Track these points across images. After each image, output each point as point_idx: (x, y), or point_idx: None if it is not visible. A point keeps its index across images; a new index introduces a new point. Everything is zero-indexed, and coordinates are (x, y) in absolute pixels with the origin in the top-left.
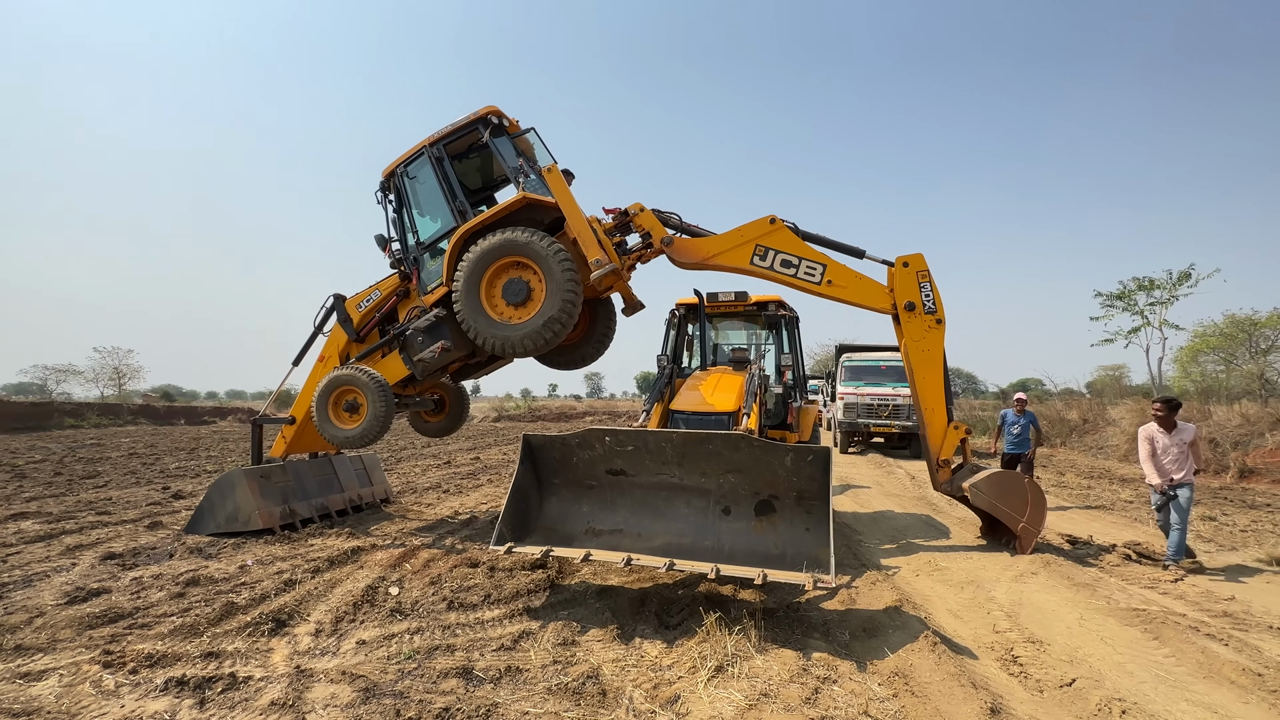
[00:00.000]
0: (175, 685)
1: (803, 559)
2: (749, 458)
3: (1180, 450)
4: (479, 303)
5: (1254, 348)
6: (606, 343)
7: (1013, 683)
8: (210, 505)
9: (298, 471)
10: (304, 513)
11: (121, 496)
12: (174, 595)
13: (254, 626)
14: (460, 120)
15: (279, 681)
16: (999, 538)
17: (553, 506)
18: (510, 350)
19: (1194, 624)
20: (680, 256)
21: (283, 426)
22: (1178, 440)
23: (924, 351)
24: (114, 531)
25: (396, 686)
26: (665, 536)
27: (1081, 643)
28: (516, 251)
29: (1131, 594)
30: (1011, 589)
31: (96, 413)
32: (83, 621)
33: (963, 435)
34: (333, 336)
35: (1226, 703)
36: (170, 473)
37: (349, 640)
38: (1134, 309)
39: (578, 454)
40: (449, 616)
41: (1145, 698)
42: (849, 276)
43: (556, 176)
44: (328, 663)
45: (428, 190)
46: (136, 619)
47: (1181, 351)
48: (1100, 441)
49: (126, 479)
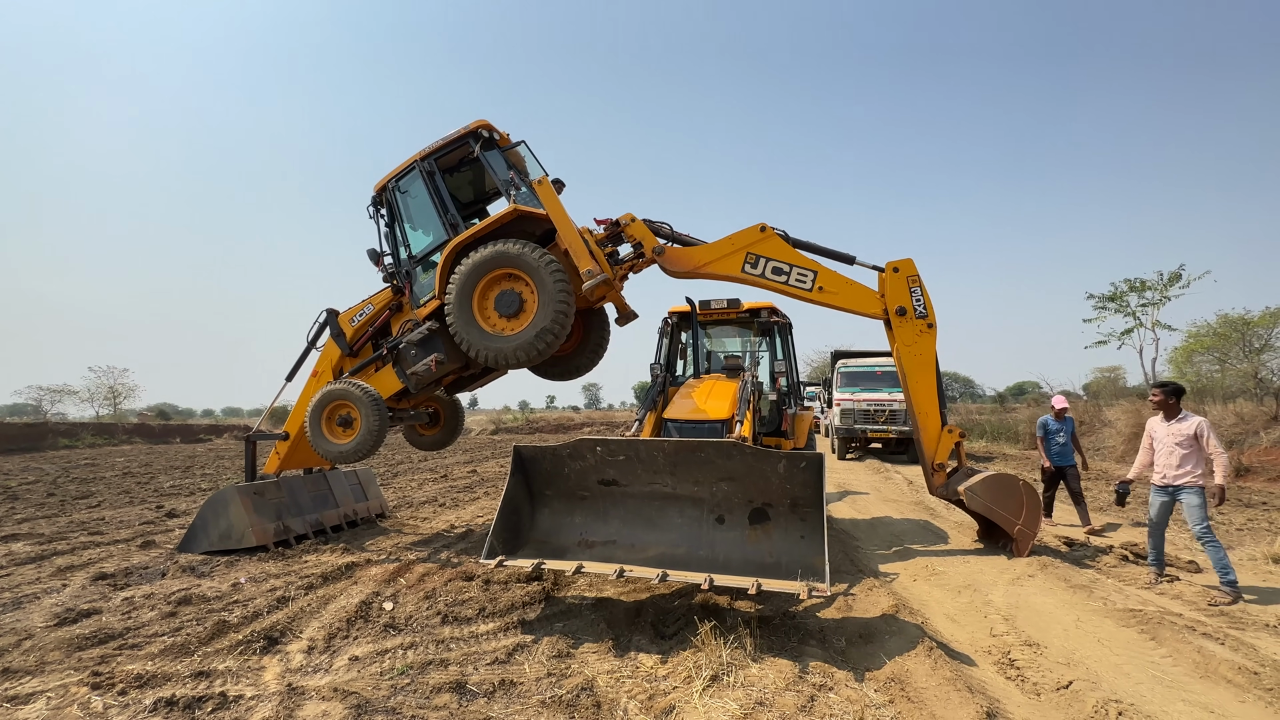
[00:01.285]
0: (164, 705)
1: (798, 567)
2: (742, 466)
3: (1181, 445)
4: (471, 315)
5: (1247, 347)
6: (600, 353)
7: (1010, 686)
8: (203, 523)
9: (292, 487)
10: (298, 529)
11: (115, 516)
12: (165, 615)
13: (246, 645)
14: (451, 134)
15: (270, 700)
16: (996, 541)
17: (545, 518)
18: (503, 362)
19: (1190, 624)
20: (672, 266)
21: (276, 442)
22: (1177, 432)
23: (916, 356)
24: (106, 552)
25: (389, 703)
26: (659, 547)
27: (1078, 645)
28: (508, 263)
29: (1128, 595)
30: (1008, 592)
31: (91, 432)
32: (72, 643)
33: (957, 438)
34: (326, 351)
35: (1223, 702)
36: (165, 491)
37: (342, 657)
38: (1126, 310)
39: (569, 465)
40: (443, 631)
41: (1142, 698)
42: (840, 283)
43: (547, 188)
44: (320, 680)
45: (419, 204)
46: (127, 639)
47: (1176, 352)
48: (1097, 443)
49: (120, 499)
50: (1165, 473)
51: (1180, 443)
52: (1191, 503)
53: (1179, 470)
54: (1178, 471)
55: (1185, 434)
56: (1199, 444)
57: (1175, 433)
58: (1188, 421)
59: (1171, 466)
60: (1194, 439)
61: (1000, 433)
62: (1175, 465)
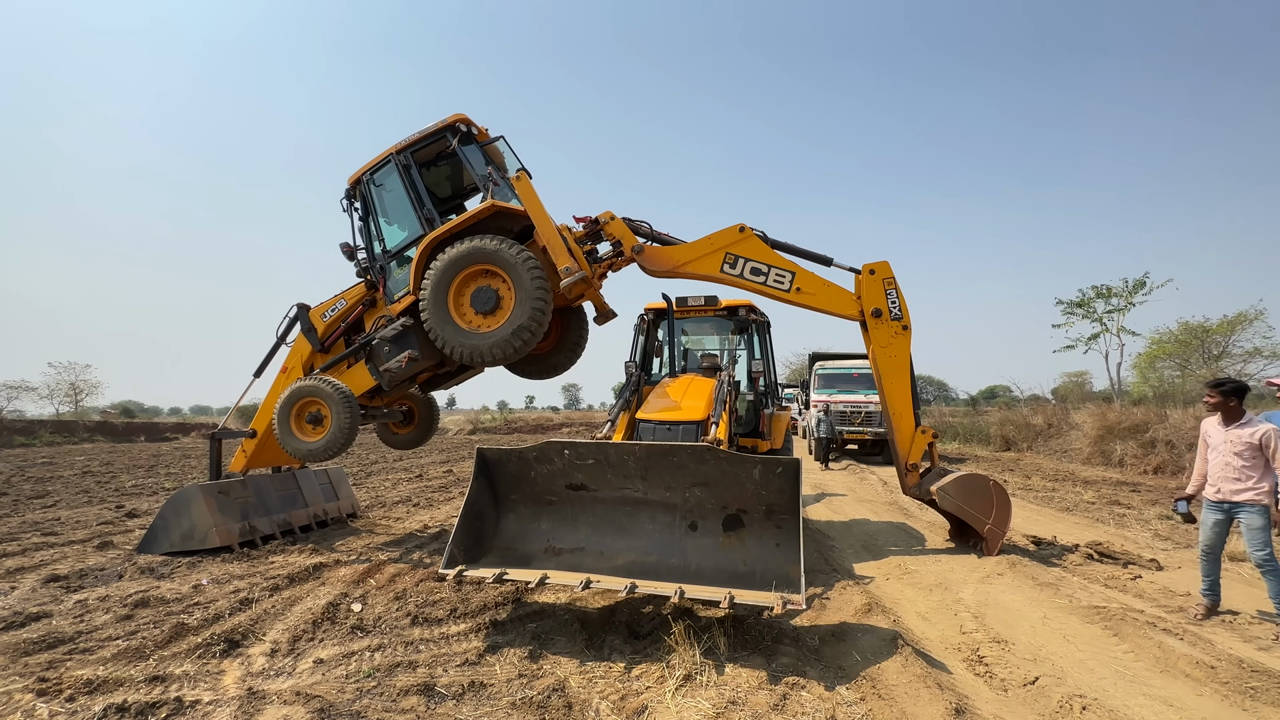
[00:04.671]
0: (115, 712)
1: (772, 577)
2: (716, 470)
3: (1241, 454)
4: (447, 311)
5: (1207, 353)
6: (579, 352)
7: (978, 683)
8: (164, 523)
9: (259, 486)
10: (265, 529)
11: (71, 516)
12: (121, 618)
13: (205, 648)
14: (428, 128)
15: (228, 705)
16: (967, 540)
17: (510, 524)
18: (479, 359)
19: (1151, 620)
20: (651, 265)
21: (243, 440)
22: (1237, 439)
23: (891, 358)
24: (60, 553)
25: (354, 706)
26: (629, 554)
27: (1045, 641)
28: (485, 259)
29: (1093, 592)
30: (978, 590)
31: (50, 430)
32: (18, 648)
33: (930, 439)
34: (296, 347)
35: (1182, 695)
36: (126, 491)
37: (306, 659)
38: (1093, 316)
39: (536, 468)
40: (413, 632)
41: (1105, 693)
42: (817, 284)
43: (526, 185)
44: (282, 683)
45: (395, 198)
46: (78, 644)
47: (1140, 358)
48: (1064, 445)
49: (78, 498)
50: (1220, 486)
51: (1240, 452)
52: (1253, 524)
53: (1237, 485)
54: (1235, 486)
55: (1248, 442)
56: (1264, 454)
57: (1235, 439)
58: (1251, 427)
59: (1228, 479)
60: (1258, 448)
61: (972, 434)
62: (1233, 478)
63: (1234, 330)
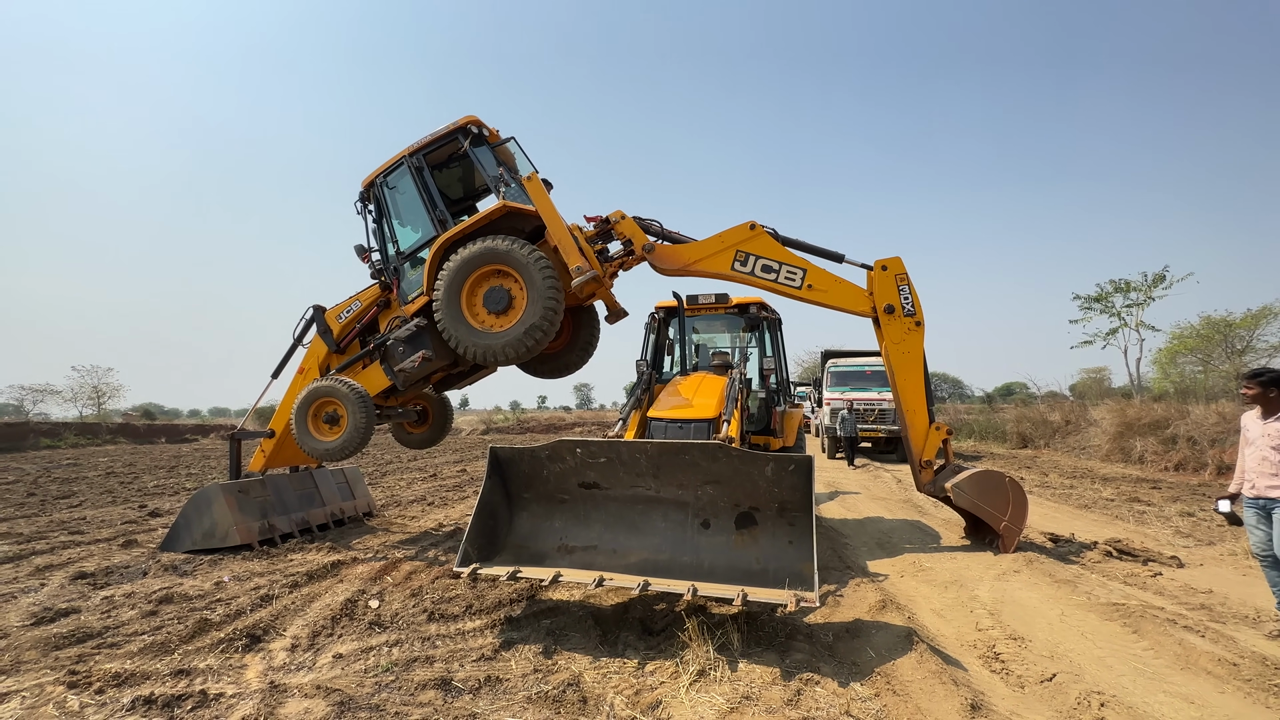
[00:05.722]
0: (143, 704)
1: (785, 574)
2: (728, 468)
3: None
4: (460, 311)
5: (1230, 348)
6: (590, 351)
7: (994, 679)
8: (186, 522)
9: (277, 486)
10: (284, 527)
11: (96, 516)
12: (146, 613)
13: (228, 643)
14: (440, 130)
15: (251, 698)
16: (983, 537)
17: (523, 522)
18: (492, 359)
19: (1172, 617)
20: (662, 263)
21: (262, 440)
22: (1275, 432)
23: (904, 354)
24: (86, 551)
25: (373, 700)
26: (642, 552)
27: (1062, 638)
28: (497, 259)
29: (1112, 589)
30: (994, 587)
31: (74, 432)
32: (49, 642)
33: (944, 436)
34: (312, 348)
35: (1203, 693)
36: (148, 491)
37: (326, 654)
38: (1111, 311)
39: (548, 467)
40: (429, 628)
41: (1124, 690)
42: (829, 281)
43: (537, 185)
44: (303, 678)
45: (408, 200)
46: (105, 638)
47: (1160, 353)
48: (1083, 442)
49: (102, 498)
50: (1255, 482)
51: (1278, 445)
52: None
53: (1273, 480)
54: (1272, 481)
55: None
56: None
57: (1273, 433)
58: None
59: (1264, 475)
60: None
61: (989, 432)
62: (1269, 473)
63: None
